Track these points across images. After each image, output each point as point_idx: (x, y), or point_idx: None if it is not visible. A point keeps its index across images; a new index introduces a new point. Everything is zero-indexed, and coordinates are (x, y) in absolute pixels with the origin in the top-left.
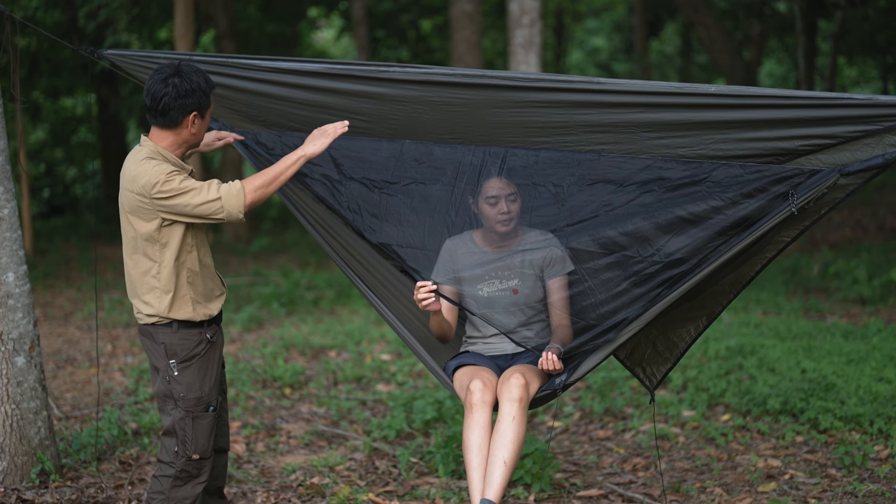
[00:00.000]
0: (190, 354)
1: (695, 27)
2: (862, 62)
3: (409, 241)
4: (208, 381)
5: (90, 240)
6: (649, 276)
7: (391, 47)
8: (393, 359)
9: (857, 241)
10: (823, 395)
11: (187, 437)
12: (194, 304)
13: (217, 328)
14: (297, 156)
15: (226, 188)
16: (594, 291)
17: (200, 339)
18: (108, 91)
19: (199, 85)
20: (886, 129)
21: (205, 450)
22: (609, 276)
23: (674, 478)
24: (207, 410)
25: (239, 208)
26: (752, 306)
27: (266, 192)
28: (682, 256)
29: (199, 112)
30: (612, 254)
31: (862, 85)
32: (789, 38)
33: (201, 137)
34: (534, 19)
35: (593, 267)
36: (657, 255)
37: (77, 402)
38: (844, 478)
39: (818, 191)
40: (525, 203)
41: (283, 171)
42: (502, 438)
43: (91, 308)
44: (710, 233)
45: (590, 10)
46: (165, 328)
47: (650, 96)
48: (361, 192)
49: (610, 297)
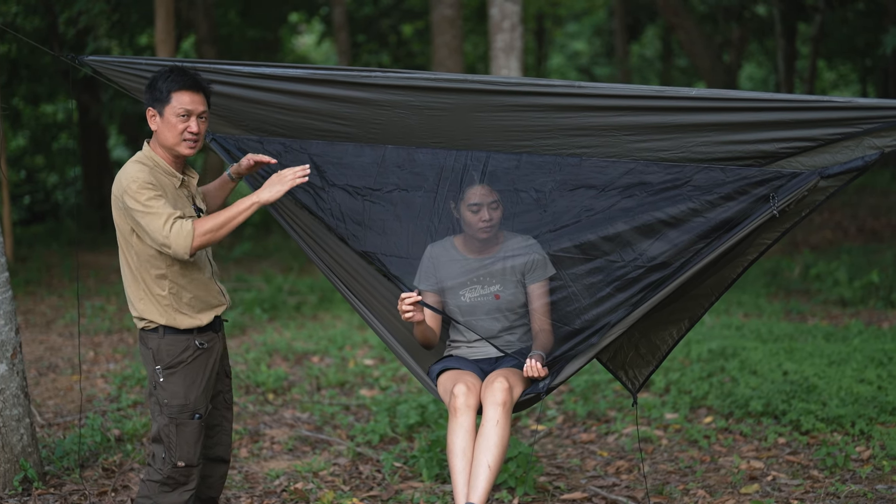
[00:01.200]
0: (175, 361)
1: (675, 31)
2: (841, 65)
3: (392, 250)
4: (195, 389)
5: (71, 246)
6: (632, 280)
7: (372, 52)
8: (376, 363)
9: (838, 244)
10: (805, 396)
11: (172, 443)
12: (177, 313)
13: (214, 335)
14: (250, 202)
15: (177, 227)
16: (577, 297)
17: (187, 346)
18: (89, 97)
19: (156, 83)
20: (866, 131)
21: (190, 458)
22: (592, 281)
23: (657, 480)
24: (192, 418)
25: (185, 249)
26: (734, 308)
27: (215, 236)
28: (665, 260)
29: (153, 107)
30: (594, 259)
31: (841, 87)
32: (769, 42)
33: (170, 140)
34: (514, 24)
35: (576, 272)
36: (640, 259)
37: (60, 409)
38: (826, 479)
39: (799, 193)
40: (507, 209)
41: (234, 217)
42: (486, 442)
43: (73, 315)
44: (691, 236)
45: (570, 14)
46: (153, 333)
47: (631, 100)
48: (345, 199)
49: (593, 302)
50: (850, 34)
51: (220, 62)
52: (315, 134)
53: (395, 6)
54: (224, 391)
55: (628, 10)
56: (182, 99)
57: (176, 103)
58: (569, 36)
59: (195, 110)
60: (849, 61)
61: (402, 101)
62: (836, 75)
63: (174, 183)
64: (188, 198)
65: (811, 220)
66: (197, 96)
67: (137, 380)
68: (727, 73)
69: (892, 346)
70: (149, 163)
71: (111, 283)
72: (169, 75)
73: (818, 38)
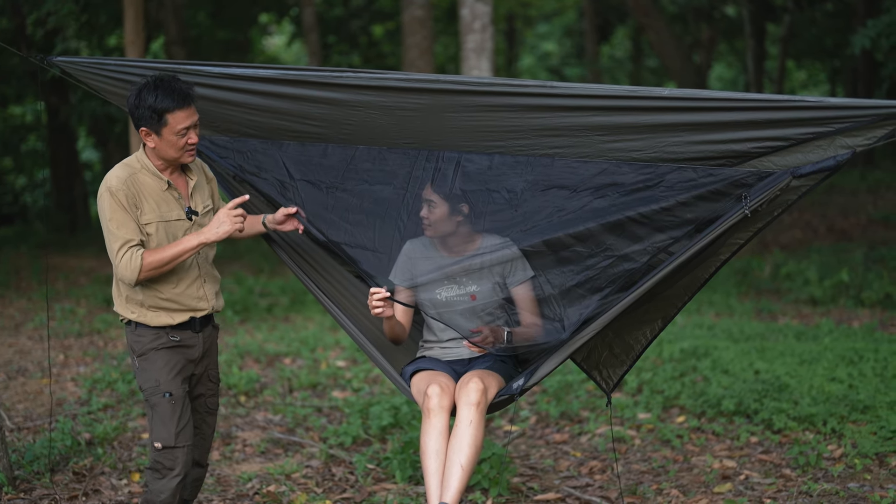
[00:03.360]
0: (147, 348)
1: (645, 31)
2: (810, 65)
3: (359, 242)
4: (166, 371)
5: (40, 249)
6: (602, 269)
7: (343, 53)
8: (349, 365)
9: (808, 243)
10: (777, 395)
11: (150, 428)
12: (147, 310)
13: (193, 335)
14: (197, 241)
15: (127, 257)
16: (547, 286)
17: (157, 337)
18: (58, 99)
19: (145, 103)
20: (837, 130)
21: (165, 438)
22: (563, 271)
23: (630, 480)
24: (163, 397)
25: (131, 280)
26: (705, 308)
27: (161, 270)
28: (634, 256)
29: (148, 128)
30: (564, 250)
31: (810, 87)
32: (739, 42)
33: (169, 154)
34: (485, 24)
35: (545, 263)
36: (609, 251)
37: (29, 412)
38: (799, 477)
39: (771, 193)
40: (479, 208)
41: (181, 254)
42: (459, 443)
43: (42, 318)
44: (663, 236)
45: (541, 14)
46: (128, 326)
47: (603, 100)
48: (311, 191)
49: (562, 292)
50: (819, 35)
51: (190, 63)
52: (287, 135)
53: (365, 7)
54: (207, 395)
55: (598, 11)
56: (178, 117)
57: (174, 123)
58: (539, 37)
59: (191, 123)
60: (817, 61)
61: (373, 101)
62: (805, 75)
63: (160, 186)
64: (178, 199)
65: (781, 219)
66: (190, 109)
67: (108, 383)
68: (697, 73)
69: (863, 345)
70: (136, 164)
71: (81, 286)
72: (156, 94)
73: (787, 38)
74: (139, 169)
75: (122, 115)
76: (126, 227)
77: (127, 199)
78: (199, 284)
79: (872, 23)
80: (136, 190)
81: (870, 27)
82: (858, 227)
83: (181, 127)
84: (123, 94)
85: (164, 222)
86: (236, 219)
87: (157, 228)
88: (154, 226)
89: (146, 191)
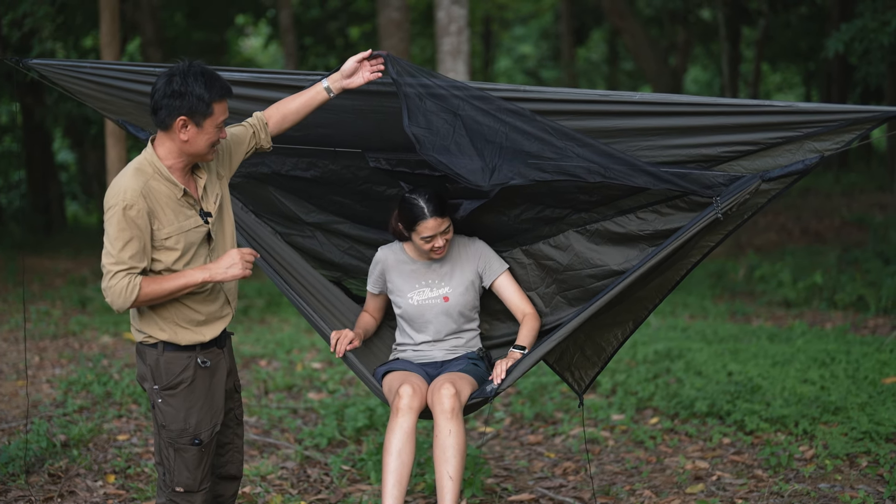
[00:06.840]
0: (175, 381)
1: (621, 34)
2: (785, 68)
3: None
4: (196, 413)
5: (16, 250)
6: (577, 278)
7: (319, 55)
8: (324, 367)
9: (782, 245)
10: (749, 397)
11: (171, 467)
12: (178, 327)
13: (219, 352)
14: (201, 278)
15: (124, 282)
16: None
17: (188, 364)
18: (33, 100)
19: (193, 90)
20: (806, 135)
21: (190, 484)
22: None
23: (604, 481)
24: (192, 444)
25: (119, 306)
26: (680, 310)
27: (153, 302)
28: (606, 261)
29: (189, 118)
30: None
31: (785, 90)
32: (714, 45)
33: (201, 149)
34: (461, 27)
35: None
36: (584, 265)
37: (4, 414)
38: (770, 478)
39: (741, 196)
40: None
41: (181, 289)
42: (443, 454)
43: (17, 319)
44: (634, 239)
45: (517, 17)
46: (151, 349)
47: (576, 104)
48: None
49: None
50: (794, 38)
51: (164, 65)
52: None
53: (342, 9)
54: (234, 408)
55: (575, 14)
56: (223, 108)
57: (219, 113)
58: (516, 39)
59: (227, 116)
60: (792, 65)
61: (348, 105)
62: (780, 78)
63: (175, 193)
64: (193, 205)
65: (756, 222)
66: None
67: (83, 385)
68: (673, 76)
69: (835, 347)
70: (148, 169)
71: (56, 288)
72: (203, 81)
73: (762, 41)
74: (152, 175)
75: (97, 117)
76: (131, 249)
77: (141, 215)
78: (220, 286)
79: (846, 27)
80: (152, 202)
81: (843, 31)
82: (832, 229)
83: (223, 118)
84: (99, 97)
85: (183, 233)
86: (248, 265)
87: (178, 241)
88: (175, 238)
89: (162, 200)
